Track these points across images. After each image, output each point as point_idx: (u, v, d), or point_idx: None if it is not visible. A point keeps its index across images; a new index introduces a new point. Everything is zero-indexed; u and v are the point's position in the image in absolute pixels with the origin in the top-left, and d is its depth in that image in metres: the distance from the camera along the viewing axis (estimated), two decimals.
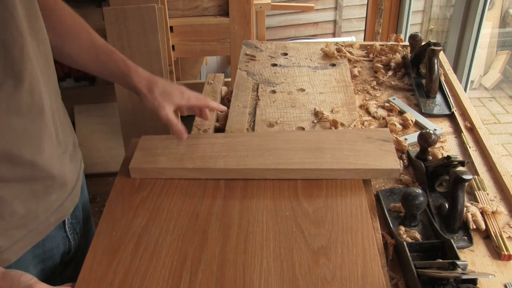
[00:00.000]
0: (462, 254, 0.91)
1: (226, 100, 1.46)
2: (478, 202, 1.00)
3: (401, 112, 1.31)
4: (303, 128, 1.25)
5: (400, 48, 1.58)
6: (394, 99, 1.36)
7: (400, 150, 1.17)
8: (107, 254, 0.89)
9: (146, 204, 0.99)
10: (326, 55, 1.57)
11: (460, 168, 0.98)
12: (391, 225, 0.95)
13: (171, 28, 2.43)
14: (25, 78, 0.79)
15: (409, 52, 1.52)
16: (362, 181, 1.03)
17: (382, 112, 1.32)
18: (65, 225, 0.99)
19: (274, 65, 1.54)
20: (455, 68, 2.19)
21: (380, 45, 1.61)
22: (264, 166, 1.04)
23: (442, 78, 1.40)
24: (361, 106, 1.35)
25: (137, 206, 0.99)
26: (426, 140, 1.08)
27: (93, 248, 0.90)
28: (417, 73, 1.45)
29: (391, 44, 1.60)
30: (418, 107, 1.33)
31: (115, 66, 1.05)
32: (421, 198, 0.91)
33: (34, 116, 0.83)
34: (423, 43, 1.41)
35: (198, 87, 1.40)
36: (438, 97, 1.36)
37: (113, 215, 0.97)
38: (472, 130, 1.24)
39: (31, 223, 0.88)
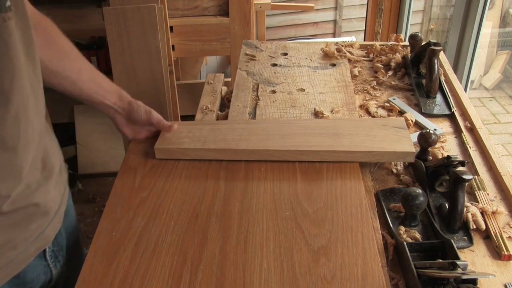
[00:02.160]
0: (462, 254, 0.91)
1: (226, 100, 1.46)
2: (478, 202, 1.00)
3: (401, 112, 1.31)
4: None
5: (400, 48, 1.58)
6: (394, 99, 1.36)
7: None
8: (107, 254, 0.89)
9: (146, 204, 0.99)
10: (326, 55, 1.57)
11: (460, 168, 0.98)
12: (391, 225, 0.95)
13: (171, 28, 2.43)
14: (11, 108, 0.76)
15: (409, 52, 1.52)
16: (362, 182, 1.03)
17: (382, 112, 1.32)
18: (45, 254, 0.95)
19: (274, 65, 1.54)
20: (455, 68, 2.19)
21: (380, 45, 1.61)
22: (284, 148, 1.08)
23: (442, 78, 1.40)
24: (361, 106, 1.35)
25: (137, 206, 0.99)
26: (426, 140, 1.08)
27: (93, 248, 0.90)
28: (417, 73, 1.45)
29: (391, 44, 1.60)
30: (418, 107, 1.33)
31: (109, 85, 1.11)
32: (421, 198, 0.91)
33: (19, 149, 0.79)
34: (423, 43, 1.41)
35: (198, 87, 1.40)
36: (438, 97, 1.36)
37: (113, 215, 0.97)
38: (472, 130, 1.24)
39: (9, 253, 0.84)
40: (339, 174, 1.06)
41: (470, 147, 1.18)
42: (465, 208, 0.96)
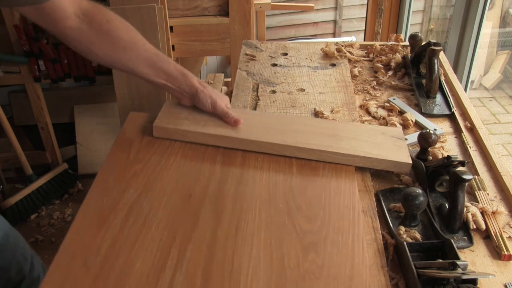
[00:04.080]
0: (462, 254, 0.91)
1: None
2: (478, 202, 1.00)
3: (401, 112, 1.31)
4: None
5: (400, 48, 1.58)
6: (394, 99, 1.36)
7: None
8: (96, 220, 0.88)
9: (140, 178, 0.99)
10: (326, 55, 1.57)
11: (460, 168, 0.98)
12: (391, 225, 0.95)
13: (171, 28, 2.43)
14: None
15: (409, 52, 1.52)
16: (356, 184, 1.03)
17: (382, 112, 1.32)
18: None
19: (274, 65, 1.54)
20: (455, 68, 2.19)
21: (380, 45, 1.61)
22: (284, 143, 1.08)
23: (442, 78, 1.40)
24: (361, 106, 1.35)
25: (130, 178, 0.98)
26: (426, 140, 1.08)
27: (81, 212, 0.90)
28: (417, 73, 1.45)
29: (391, 44, 1.60)
30: (418, 107, 1.33)
31: (173, 69, 1.10)
32: (421, 198, 0.91)
33: None
34: (423, 43, 1.41)
35: None
36: (438, 97, 1.36)
37: (105, 184, 0.97)
38: (472, 130, 1.24)
39: None
40: (334, 174, 1.06)
41: (470, 147, 1.18)
42: (465, 208, 0.96)
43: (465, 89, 2.22)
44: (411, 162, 1.07)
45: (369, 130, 1.16)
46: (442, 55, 1.52)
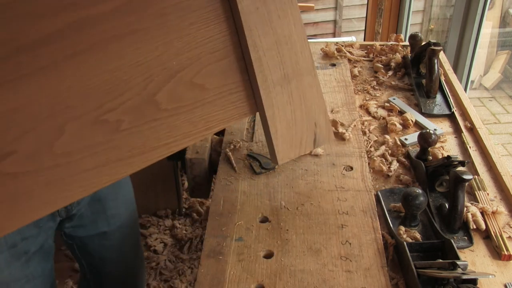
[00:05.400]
0: (462, 254, 0.91)
1: None
2: (478, 202, 1.00)
3: (401, 112, 1.31)
4: None
5: (400, 48, 1.58)
6: (394, 99, 1.36)
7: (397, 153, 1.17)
8: None
9: None
10: (326, 55, 1.57)
11: (460, 168, 0.98)
12: (391, 225, 0.95)
13: None
14: None
15: (409, 52, 1.52)
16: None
17: (382, 112, 1.32)
18: None
19: None
20: (455, 68, 2.19)
21: (380, 45, 1.61)
22: None
23: (442, 78, 1.40)
24: (361, 106, 1.35)
25: None
26: (426, 140, 1.08)
27: None
28: (417, 73, 1.45)
29: (391, 44, 1.60)
30: (418, 107, 1.33)
31: None
32: (421, 198, 0.91)
33: None
34: (423, 43, 1.41)
35: None
36: (438, 97, 1.36)
37: None
38: (472, 130, 1.24)
39: None
40: None
41: (470, 147, 1.18)
42: (465, 208, 0.96)
43: (465, 89, 2.22)
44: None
45: None
46: (442, 55, 1.52)
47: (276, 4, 0.89)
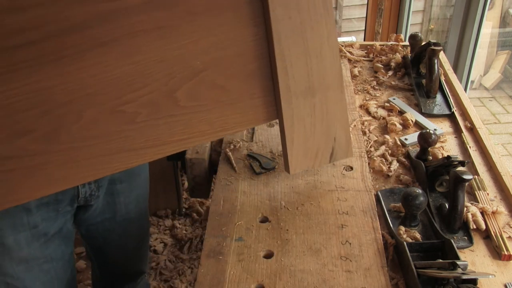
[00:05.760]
0: (462, 254, 0.91)
1: None
2: (478, 202, 1.00)
3: (401, 112, 1.31)
4: None
5: (400, 48, 1.58)
6: (394, 99, 1.36)
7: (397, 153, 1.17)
8: None
9: None
10: None
11: (460, 168, 0.98)
12: (391, 225, 0.95)
13: None
14: None
15: (409, 52, 1.52)
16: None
17: (382, 112, 1.32)
18: None
19: None
20: (455, 68, 2.19)
21: (380, 45, 1.61)
22: None
23: (442, 78, 1.40)
24: (361, 106, 1.35)
25: None
26: (426, 140, 1.08)
27: None
28: (417, 73, 1.45)
29: (391, 44, 1.60)
30: (418, 107, 1.33)
31: None
32: (421, 198, 0.91)
33: None
34: (423, 43, 1.41)
35: None
36: (438, 97, 1.36)
37: None
38: (472, 130, 1.24)
39: None
40: None
41: (470, 147, 1.18)
42: (465, 208, 0.96)
43: (465, 89, 2.22)
44: None
45: None
46: (442, 55, 1.52)
47: (310, 15, 0.87)
